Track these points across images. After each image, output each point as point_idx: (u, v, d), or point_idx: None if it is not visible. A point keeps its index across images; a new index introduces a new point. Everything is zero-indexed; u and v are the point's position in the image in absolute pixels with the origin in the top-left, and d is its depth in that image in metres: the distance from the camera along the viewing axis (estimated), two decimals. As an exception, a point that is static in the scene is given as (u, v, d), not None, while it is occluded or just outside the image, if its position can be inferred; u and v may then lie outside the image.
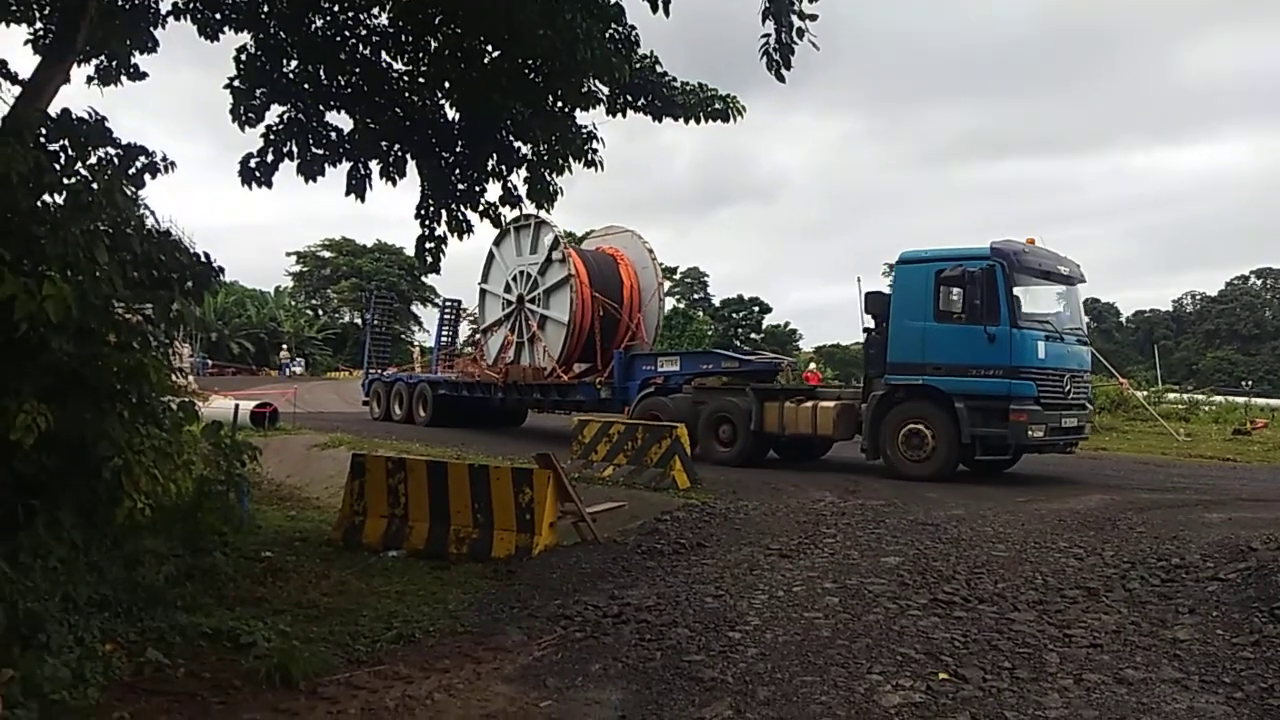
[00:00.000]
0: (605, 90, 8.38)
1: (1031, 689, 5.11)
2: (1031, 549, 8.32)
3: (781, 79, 7.17)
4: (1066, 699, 4.96)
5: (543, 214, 19.46)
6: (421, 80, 8.65)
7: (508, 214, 9.14)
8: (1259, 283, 77.47)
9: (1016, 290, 13.44)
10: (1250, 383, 54.74)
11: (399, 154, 8.84)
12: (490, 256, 21.90)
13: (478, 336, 23.21)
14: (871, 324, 14.94)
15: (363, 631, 6.29)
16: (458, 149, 8.87)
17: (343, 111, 8.70)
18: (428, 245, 8.99)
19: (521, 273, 20.92)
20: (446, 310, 27.16)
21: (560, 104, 8.42)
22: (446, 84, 8.60)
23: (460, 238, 8.94)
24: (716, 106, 8.79)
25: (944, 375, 13.55)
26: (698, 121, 8.82)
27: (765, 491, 12.16)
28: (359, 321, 75.27)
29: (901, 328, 14.13)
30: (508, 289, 21.28)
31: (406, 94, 8.73)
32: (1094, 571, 7.48)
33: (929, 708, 4.87)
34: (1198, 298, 75.25)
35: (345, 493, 9.52)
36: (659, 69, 8.57)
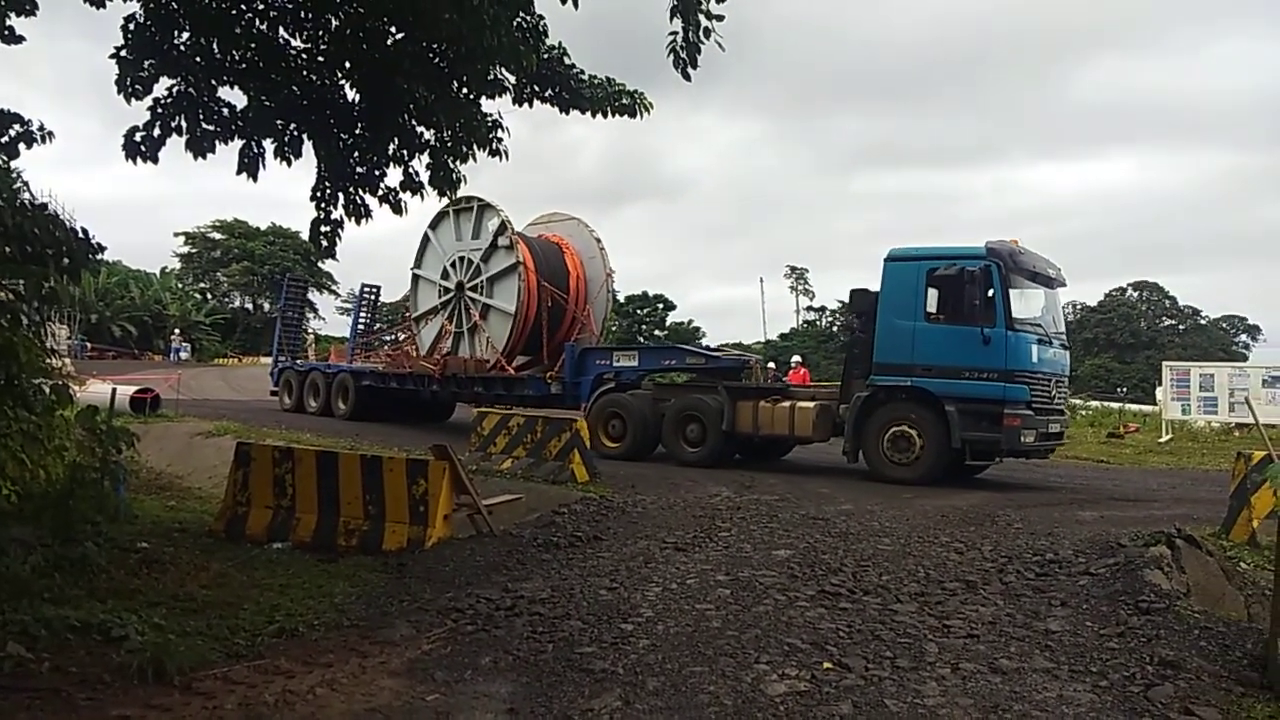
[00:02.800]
0: (512, 79, 8.29)
1: (911, 678, 5.29)
2: (915, 543, 8.61)
3: (688, 77, 7.22)
4: (944, 687, 5.15)
5: (487, 197, 19.23)
6: (321, 59, 8.38)
7: (408, 200, 8.94)
8: (1135, 294, 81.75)
9: (1010, 292, 13.13)
10: (1125, 389, 57.71)
11: (294, 133, 8.54)
12: (425, 240, 20.74)
13: (410, 325, 21.79)
14: (855, 323, 14.56)
15: (243, 625, 6.08)
16: (357, 131, 8.63)
17: (236, 87, 8.35)
18: (323, 229, 8.72)
19: (461, 258, 19.80)
20: (365, 296, 26.05)
21: (465, 90, 8.28)
22: (347, 64, 8.35)
23: (358, 222, 8.71)
24: (624, 102, 8.80)
25: (934, 377, 13.16)
26: (605, 116, 8.81)
27: (664, 486, 12.26)
28: (249, 306, 72.89)
29: (889, 327, 13.66)
30: (445, 275, 20.11)
31: (304, 72, 8.44)
32: (973, 565, 7.78)
33: (813, 696, 4.99)
34: (1078, 307, 79.04)
35: (229, 482, 9.19)
36: (567, 60, 8.53)
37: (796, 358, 29.06)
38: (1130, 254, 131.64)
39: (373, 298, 26.47)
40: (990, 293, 12.96)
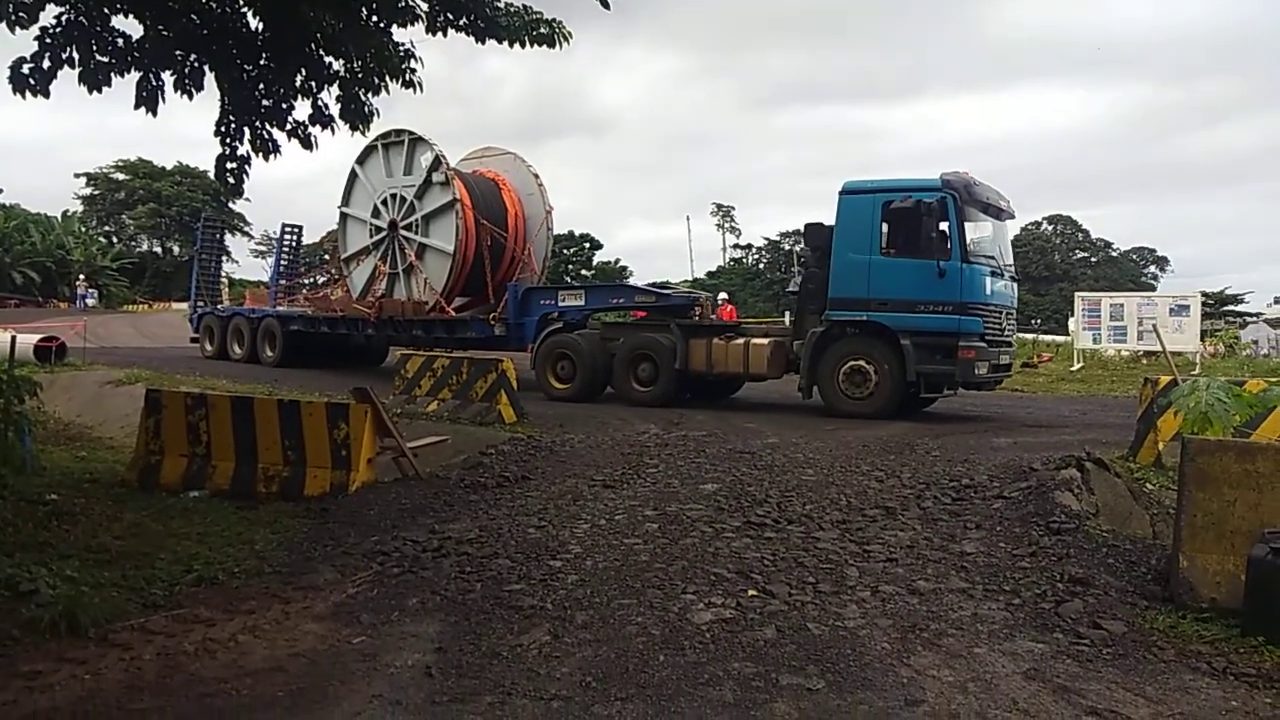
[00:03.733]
0: (425, 6, 7.95)
1: (832, 601, 5.43)
2: (838, 473, 8.79)
3: (606, 5, 7.04)
4: (864, 609, 5.30)
5: (417, 130, 18.35)
6: (221, -16, 7.94)
7: (318, 135, 8.59)
8: (1050, 228, 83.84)
9: (965, 224, 12.99)
10: (1039, 320, 59.48)
11: (195, 64, 8.09)
12: (352, 176, 19.66)
13: (340, 267, 20.76)
14: (808, 258, 14.28)
15: (159, 575, 5.95)
16: (261, 61, 8.21)
17: (130, 15, 7.86)
18: (229, 166, 8.33)
19: (393, 195, 18.80)
20: (286, 237, 24.82)
21: (375, 18, 7.93)
22: (249, -10, 7.93)
23: (266, 159, 8.33)
24: (542, 31, 8.51)
25: (890, 311, 13.02)
26: (523, 45, 8.52)
27: (592, 425, 12.26)
28: (159, 250, 70.25)
29: (844, 262, 13.39)
30: (376, 214, 19.14)
31: (203, -1, 7.99)
32: (892, 492, 7.99)
33: (738, 622, 5.09)
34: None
35: (140, 431, 8.90)
36: (481, -14, 8.22)
37: (723, 295, 28.94)
38: (1045, 188, 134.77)
39: (294, 239, 25.31)
40: (945, 225, 12.86)
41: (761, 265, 79.38)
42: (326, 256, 27.12)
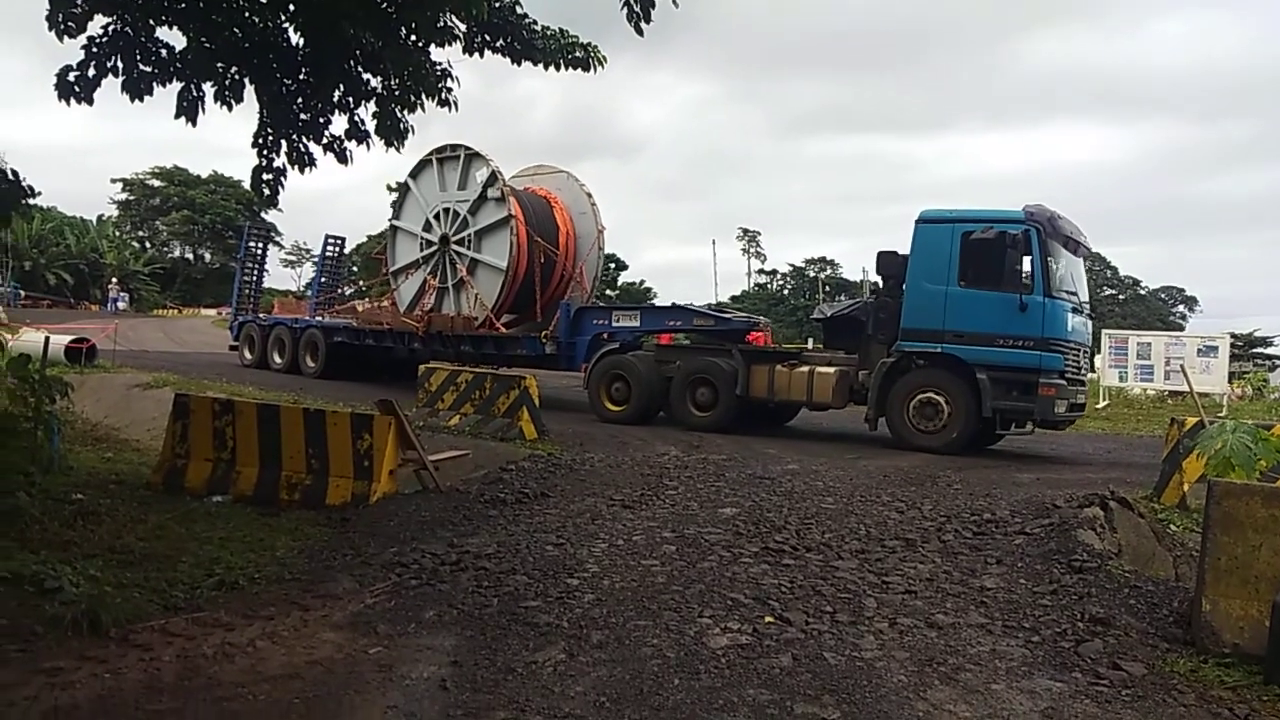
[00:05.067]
0: (462, 27, 8.08)
1: (850, 631, 5.40)
2: (858, 502, 8.74)
3: (640, 32, 7.11)
4: (881, 641, 5.27)
5: (474, 146, 18.35)
6: (264, 0, 8.10)
7: (354, 150, 8.72)
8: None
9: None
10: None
11: (236, 77, 8.26)
12: (405, 189, 19.67)
13: (388, 280, 20.51)
14: (879, 286, 13.96)
15: (181, 578, 6.02)
16: (301, 76, 8.37)
17: (175, 27, 8.04)
18: (265, 177, 8.48)
19: (446, 210, 18.68)
20: (329, 248, 24.90)
21: (414, 37, 8.06)
22: (291, 6, 8.08)
23: (301, 171, 8.48)
24: (577, 54, 8.64)
25: (965, 344, 12.65)
26: (558, 68, 8.65)
27: (612, 445, 12.27)
28: (190, 257, 71.17)
29: (919, 291, 13.07)
30: (428, 228, 18.99)
31: (246, 13, 8.14)
32: (913, 524, 7.93)
33: (754, 649, 5.07)
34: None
35: (167, 434, 9.01)
36: (519, 10, 8.35)
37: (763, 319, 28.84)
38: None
39: (337, 250, 25.41)
40: (1029, 258, 12.52)
41: (786, 291, 79.34)
42: (355, 269, 27.20)
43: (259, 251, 25.99)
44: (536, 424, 12.44)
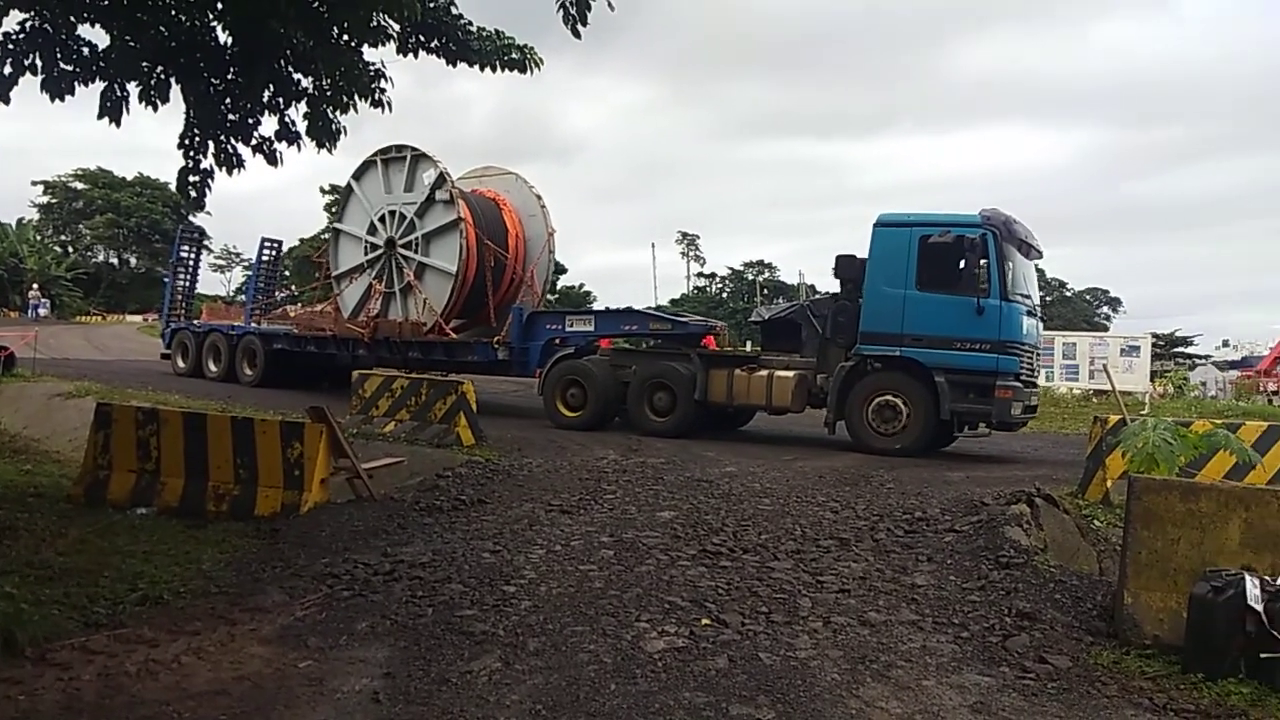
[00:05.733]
0: (396, 27, 7.98)
1: (785, 631, 5.45)
2: (794, 503, 8.83)
3: (578, 34, 7.11)
4: (815, 640, 5.33)
5: (428, 146, 18.00)
6: (191, -1, 7.90)
7: (283, 150, 8.55)
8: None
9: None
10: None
11: (161, 76, 8.02)
12: (348, 191, 19.11)
13: (331, 284, 19.74)
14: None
15: (103, 593, 5.84)
16: (229, 76, 8.16)
17: (97, 25, 7.80)
18: (192, 179, 8.26)
19: (392, 213, 18.08)
20: (266, 251, 24.04)
21: (346, 37, 7.93)
22: (219, 5, 7.89)
23: (230, 173, 8.27)
24: (513, 56, 8.58)
25: (924, 347, 12.76)
26: (494, 70, 8.59)
27: (550, 450, 12.21)
28: (115, 262, 69.10)
29: (878, 295, 13.11)
30: (372, 230, 18.37)
31: (172, 11, 7.93)
32: (847, 523, 8.04)
33: (690, 651, 5.09)
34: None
35: (89, 445, 8.72)
36: (454, 10, 8.27)
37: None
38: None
39: (274, 254, 24.71)
40: (985, 262, 12.64)
41: (725, 294, 79.91)
42: (287, 274, 26.52)
43: (191, 256, 25.17)
44: (474, 429, 12.32)
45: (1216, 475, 8.93)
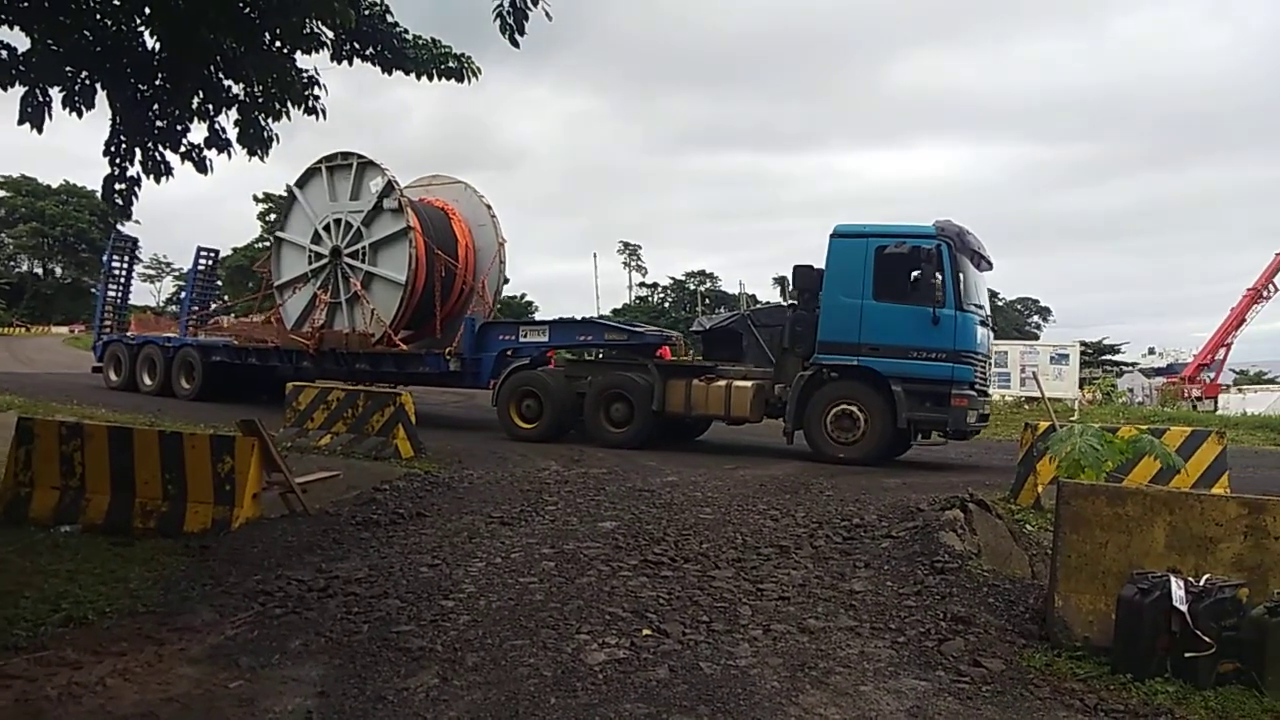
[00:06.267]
0: (330, 34, 7.86)
1: (725, 640, 5.47)
2: (735, 512, 8.88)
3: (516, 44, 7.08)
4: (755, 648, 5.35)
5: (367, 154, 17.64)
6: (116, 2, 7.68)
7: (213, 158, 8.35)
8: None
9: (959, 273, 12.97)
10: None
11: (86, 81, 7.80)
12: (291, 199, 18.81)
13: (275, 294, 19.34)
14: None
15: (23, 615, 5.60)
16: (157, 82, 7.96)
17: (16, 27, 7.54)
18: (118, 187, 8.01)
19: (338, 221, 17.86)
20: (202, 260, 23.38)
21: (279, 43, 7.79)
22: (146, 9, 7.69)
23: (157, 180, 8.05)
24: (450, 65, 8.51)
25: (881, 356, 12.94)
26: (431, 79, 8.51)
27: (492, 461, 12.12)
28: (39, 271, 66.93)
29: (835, 305, 13.32)
30: (317, 239, 18.10)
31: (97, 15, 7.71)
32: (787, 531, 8.11)
33: (631, 663, 5.07)
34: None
35: (9, 461, 8.37)
36: (390, 18, 8.18)
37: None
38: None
39: (210, 263, 24.04)
40: (940, 273, 12.84)
41: (667, 304, 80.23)
42: (220, 283, 25.79)
43: (124, 267, 24.38)
44: (413, 441, 12.17)
45: (1143, 480, 9.19)
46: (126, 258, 24.44)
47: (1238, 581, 5.22)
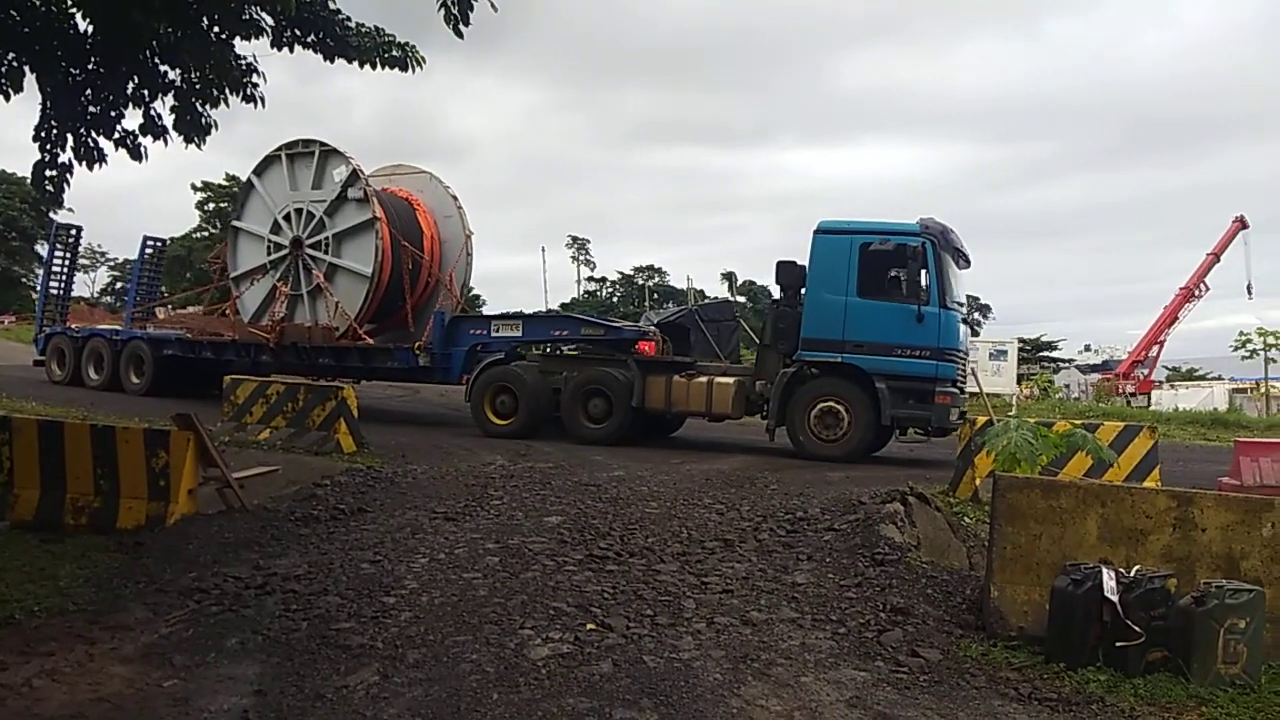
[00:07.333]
0: (269, 20, 7.71)
1: (669, 633, 5.50)
2: (680, 506, 8.91)
3: (459, 34, 7.02)
4: (699, 641, 5.39)
5: (330, 140, 17.12)
6: (44, -19, 7.44)
7: (149, 145, 8.13)
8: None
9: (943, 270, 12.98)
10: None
11: (14, 64, 7.55)
12: (248, 187, 18.16)
13: (231, 285, 18.59)
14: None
15: (-54, 615, 5.41)
16: (90, 66, 7.73)
17: (-64, 6, 7.27)
18: (48, 173, 7.76)
19: (299, 210, 17.24)
20: (148, 249, 22.54)
21: (216, 29, 7.61)
22: (78, -10, 7.46)
23: (90, 167, 7.81)
24: (394, 53, 8.38)
25: (865, 354, 12.92)
26: (374, 67, 8.37)
27: (436, 455, 12.01)
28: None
29: (819, 301, 13.28)
30: (276, 229, 17.46)
31: (26, -5, 7.46)
32: (732, 525, 8.17)
33: (575, 657, 5.07)
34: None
35: (-67, 457, 8.09)
36: (331, 5, 8.04)
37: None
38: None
39: (157, 252, 23.16)
40: (925, 270, 12.89)
41: (616, 299, 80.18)
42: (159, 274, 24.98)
43: (66, 257, 23.49)
44: (355, 436, 12.00)
45: (1077, 473, 9.44)
46: (68, 247, 23.61)
47: (1166, 572, 5.39)
